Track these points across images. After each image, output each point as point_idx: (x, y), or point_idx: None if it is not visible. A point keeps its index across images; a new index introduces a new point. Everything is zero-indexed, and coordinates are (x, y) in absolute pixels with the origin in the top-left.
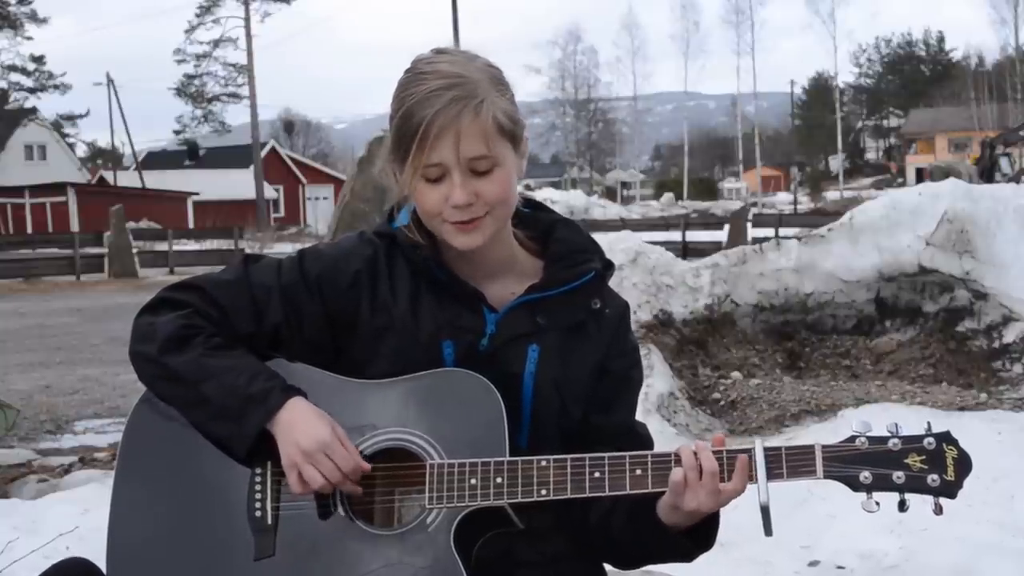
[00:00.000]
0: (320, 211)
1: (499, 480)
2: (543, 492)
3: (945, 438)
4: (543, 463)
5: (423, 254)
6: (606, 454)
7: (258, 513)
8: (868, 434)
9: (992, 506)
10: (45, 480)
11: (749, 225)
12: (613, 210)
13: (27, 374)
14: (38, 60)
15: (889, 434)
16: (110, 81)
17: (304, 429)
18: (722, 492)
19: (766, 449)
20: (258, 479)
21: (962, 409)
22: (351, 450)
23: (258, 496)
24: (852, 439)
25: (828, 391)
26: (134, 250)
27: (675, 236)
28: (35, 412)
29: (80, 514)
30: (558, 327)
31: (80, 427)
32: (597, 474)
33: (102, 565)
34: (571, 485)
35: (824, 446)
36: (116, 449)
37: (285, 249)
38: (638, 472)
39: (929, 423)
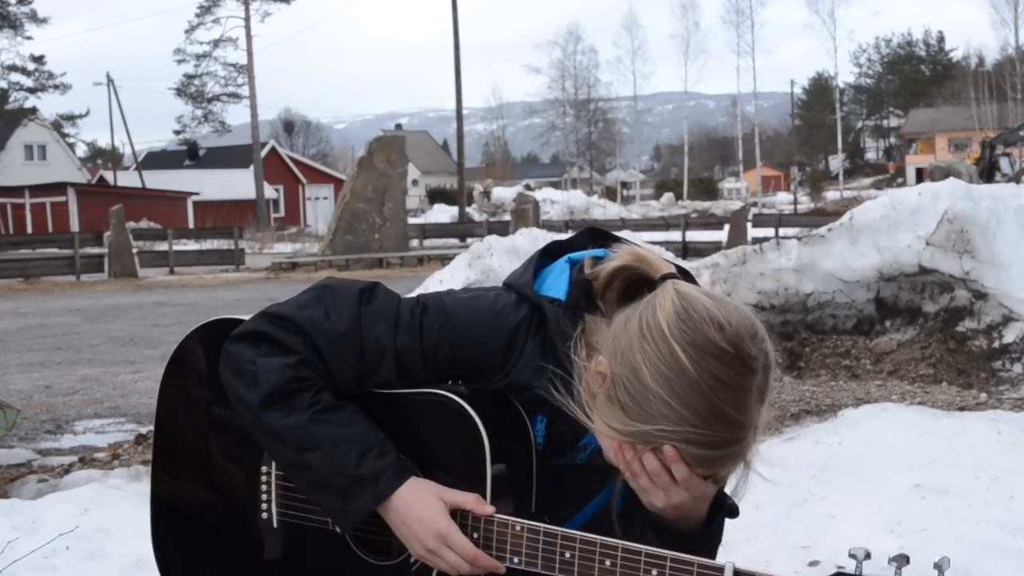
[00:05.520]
0: (320, 211)
1: (475, 536)
2: (515, 560)
3: None
4: (518, 528)
5: (571, 349)
6: (578, 534)
7: (264, 514)
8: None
9: (992, 506)
10: (45, 480)
11: (749, 225)
12: (613, 210)
13: (27, 374)
14: (38, 60)
15: None
16: (110, 81)
17: (421, 518)
18: (693, 491)
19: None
20: (264, 479)
21: (962, 409)
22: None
23: (264, 497)
24: None
25: (828, 391)
26: (134, 250)
27: (675, 236)
28: (35, 412)
29: (80, 514)
30: None
31: (80, 427)
32: (568, 555)
33: (98, 564)
34: (542, 561)
35: None
36: (116, 449)
37: (284, 249)
38: (607, 564)
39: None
